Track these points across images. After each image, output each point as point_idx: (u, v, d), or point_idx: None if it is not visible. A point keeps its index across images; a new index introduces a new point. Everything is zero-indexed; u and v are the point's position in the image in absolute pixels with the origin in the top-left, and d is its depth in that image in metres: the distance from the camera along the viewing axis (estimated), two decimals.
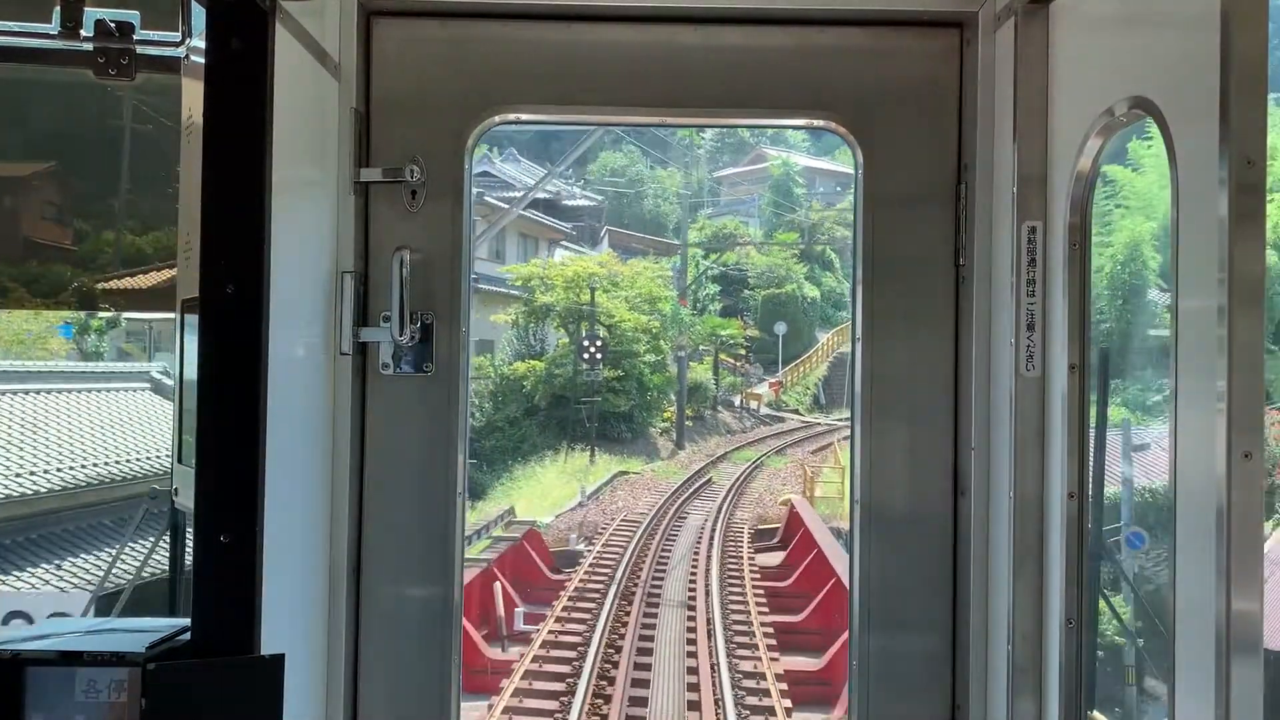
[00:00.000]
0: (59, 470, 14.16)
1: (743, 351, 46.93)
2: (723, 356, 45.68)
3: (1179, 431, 1.85)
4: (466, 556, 2.92)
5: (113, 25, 2.46)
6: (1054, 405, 2.41)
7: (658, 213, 55.52)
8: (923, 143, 2.80)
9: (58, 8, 2.44)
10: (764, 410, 43.65)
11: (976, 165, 2.70)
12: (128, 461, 15.26)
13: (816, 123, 2.91)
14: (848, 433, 3.75)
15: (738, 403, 43.82)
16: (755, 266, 50.36)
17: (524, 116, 2.93)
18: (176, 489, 2.47)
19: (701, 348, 44.37)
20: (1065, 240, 2.36)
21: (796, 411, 44.97)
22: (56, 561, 13.18)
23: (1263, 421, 1.69)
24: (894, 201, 2.81)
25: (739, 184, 59.21)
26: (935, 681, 2.79)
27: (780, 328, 48.13)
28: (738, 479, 30.07)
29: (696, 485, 29.56)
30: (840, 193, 54.59)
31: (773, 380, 46.05)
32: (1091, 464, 2.47)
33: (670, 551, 21.59)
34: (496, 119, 2.84)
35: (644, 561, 20.41)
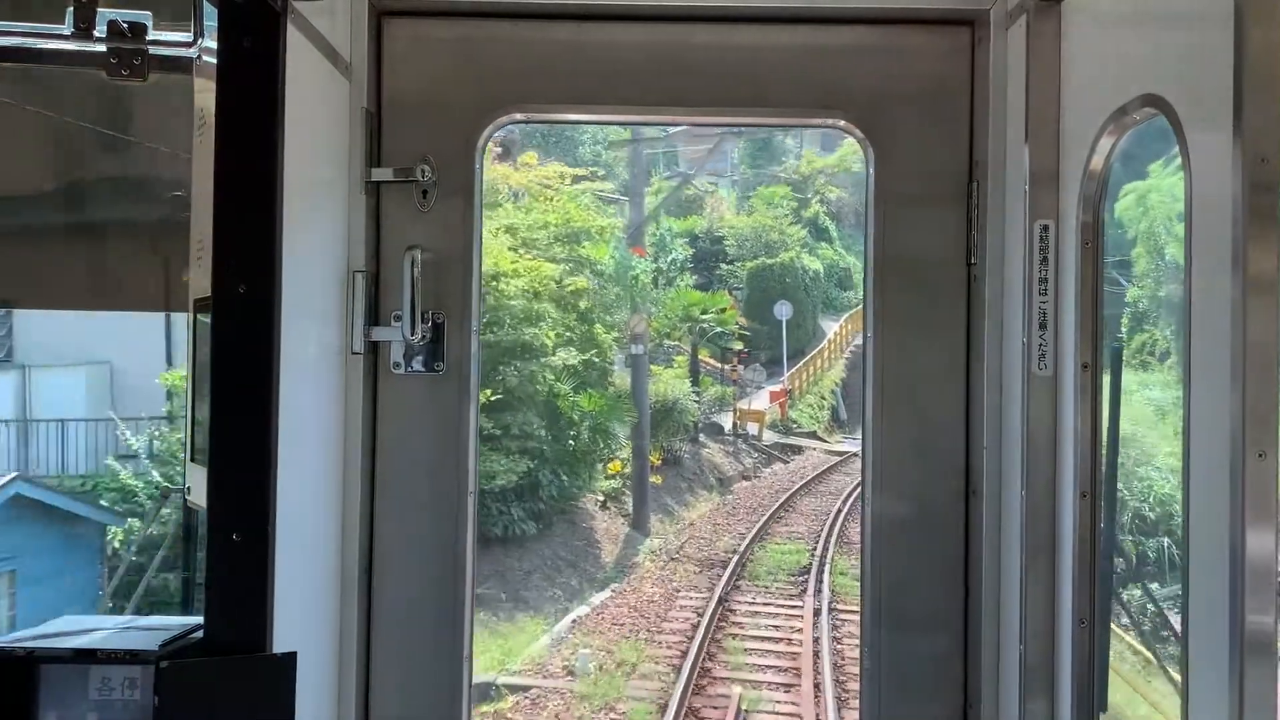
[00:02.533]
0: None
1: (739, 346, 33.14)
2: (704, 357, 32.03)
3: (1192, 430, 1.84)
4: None
5: (125, 26, 2.47)
6: (1066, 404, 2.40)
7: (596, 162, 35.99)
8: (934, 141, 2.80)
9: (71, 9, 2.45)
10: (767, 436, 30.73)
11: (988, 163, 2.69)
12: None
13: (828, 122, 2.91)
14: None
15: (728, 427, 29.75)
16: (736, 232, 37.09)
17: (534, 116, 2.93)
18: (189, 488, 2.48)
19: (669, 343, 30.41)
20: (1078, 239, 2.35)
21: (814, 434, 32.36)
22: None
23: (1278, 420, 1.68)
24: (905, 200, 2.80)
25: (704, 139, 43.44)
26: (947, 681, 2.78)
27: (784, 310, 34.87)
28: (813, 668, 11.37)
29: None
30: (834, 141, 43.36)
31: (775, 388, 33.03)
32: (1105, 463, 2.45)
33: None
34: (507, 118, 2.85)
35: None
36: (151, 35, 2.50)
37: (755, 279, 36.08)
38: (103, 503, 17.11)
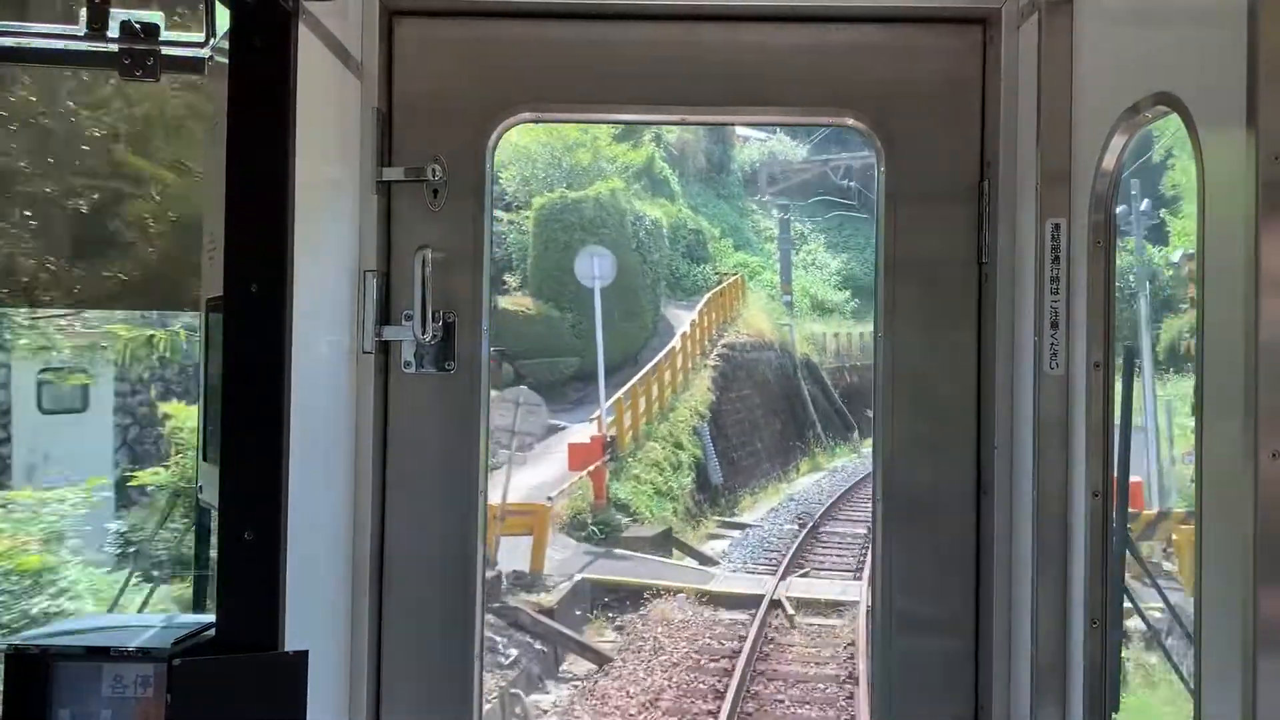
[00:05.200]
0: None
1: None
2: None
3: (1205, 429, 1.83)
4: None
5: (138, 27, 2.49)
6: (1077, 403, 2.39)
7: None
8: (945, 140, 2.79)
9: (84, 9, 2.46)
10: (560, 557, 15.18)
11: (999, 162, 2.68)
12: None
13: (838, 120, 2.91)
14: None
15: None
16: (522, 153, 23.30)
17: (544, 115, 2.93)
18: (201, 487, 2.49)
19: None
20: (1089, 237, 2.35)
21: (668, 535, 16.99)
22: None
23: None
24: (916, 199, 2.80)
25: None
26: (958, 682, 2.78)
27: (596, 267, 19.86)
28: None
29: None
30: None
31: (581, 439, 17.75)
32: (1116, 463, 2.44)
33: None
34: (516, 118, 2.85)
35: None
36: (164, 36, 2.51)
37: (546, 225, 21.38)
38: None
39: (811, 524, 19.90)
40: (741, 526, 19.76)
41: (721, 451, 21.37)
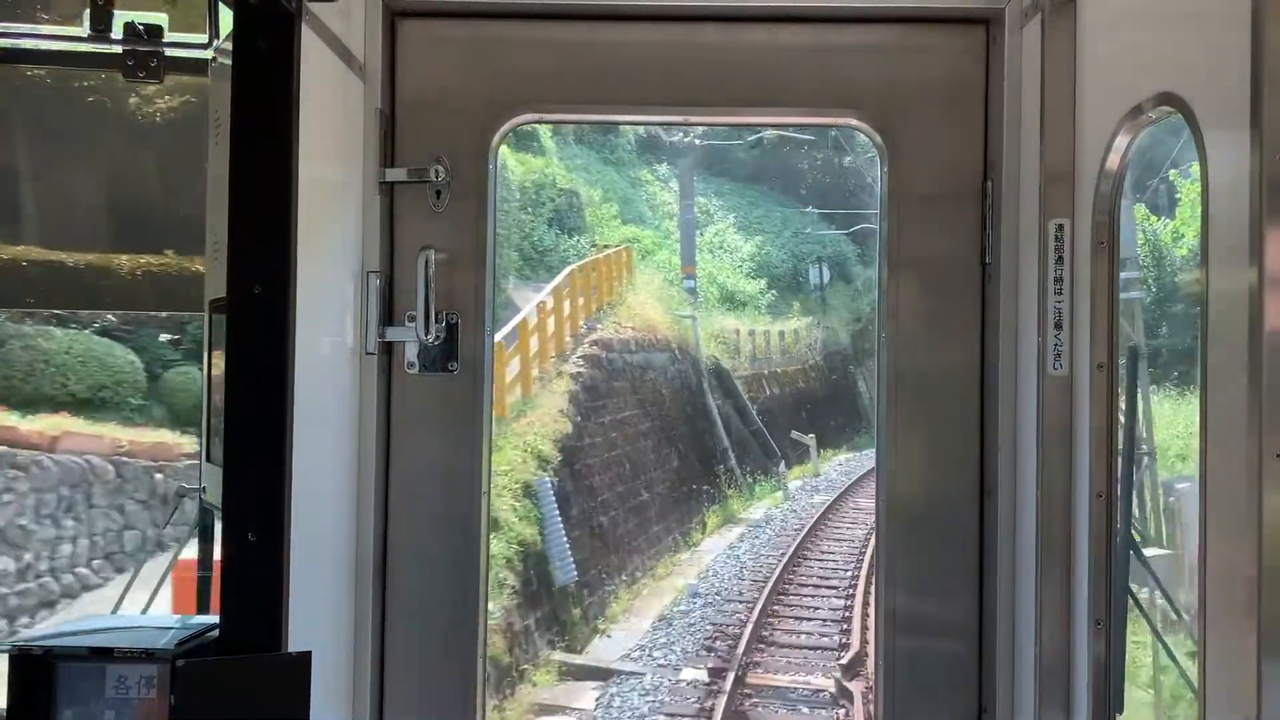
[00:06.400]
0: None
1: None
2: None
3: (1208, 430, 1.83)
4: None
5: (141, 28, 2.49)
6: (1081, 404, 2.39)
7: None
8: (948, 140, 2.79)
9: (88, 11, 2.47)
10: None
11: (1003, 162, 2.68)
12: None
13: (841, 121, 2.91)
14: None
15: None
16: None
17: (547, 116, 2.93)
18: (205, 488, 2.50)
19: None
20: (1092, 238, 2.34)
21: None
22: None
23: None
24: (919, 199, 2.80)
25: None
26: (962, 683, 2.77)
27: None
28: None
29: None
30: None
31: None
32: (1120, 464, 2.44)
33: None
34: (519, 119, 2.85)
35: None
36: (167, 37, 2.52)
37: None
38: None
39: (737, 666, 11.26)
40: (603, 676, 11.10)
41: (580, 517, 13.06)
